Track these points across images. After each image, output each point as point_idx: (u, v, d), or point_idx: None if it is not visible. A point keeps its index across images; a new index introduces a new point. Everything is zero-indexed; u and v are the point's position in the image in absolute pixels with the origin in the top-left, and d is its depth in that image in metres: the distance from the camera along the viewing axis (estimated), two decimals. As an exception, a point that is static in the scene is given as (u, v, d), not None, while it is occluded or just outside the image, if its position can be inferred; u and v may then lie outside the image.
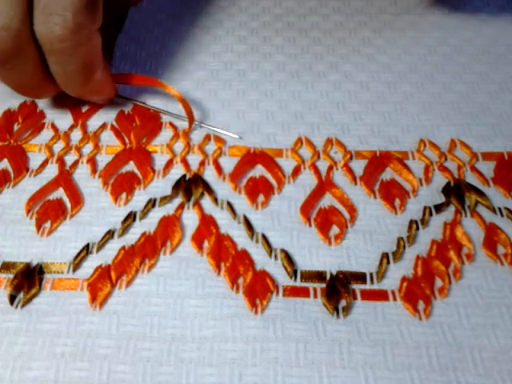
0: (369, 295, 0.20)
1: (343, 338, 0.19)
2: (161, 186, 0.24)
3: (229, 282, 0.20)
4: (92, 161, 0.25)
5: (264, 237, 0.21)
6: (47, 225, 0.22)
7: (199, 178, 0.24)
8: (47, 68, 0.23)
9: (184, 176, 0.24)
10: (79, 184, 0.24)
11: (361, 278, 0.20)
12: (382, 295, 0.20)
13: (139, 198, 0.23)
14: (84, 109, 0.27)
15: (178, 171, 0.24)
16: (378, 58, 0.30)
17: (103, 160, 0.25)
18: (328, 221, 0.22)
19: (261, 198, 0.23)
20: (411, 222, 0.22)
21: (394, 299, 0.20)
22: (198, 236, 0.22)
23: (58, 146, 0.25)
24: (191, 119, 0.26)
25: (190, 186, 0.23)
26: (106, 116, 0.27)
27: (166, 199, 0.23)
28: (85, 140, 0.26)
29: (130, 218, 0.22)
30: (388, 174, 0.24)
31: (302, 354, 0.18)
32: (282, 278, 0.20)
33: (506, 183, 0.23)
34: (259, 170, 0.24)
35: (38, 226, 0.22)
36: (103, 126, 0.26)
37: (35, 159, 0.25)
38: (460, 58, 0.30)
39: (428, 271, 0.20)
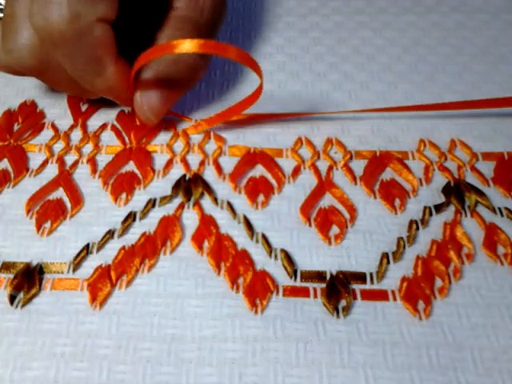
0: (369, 295, 0.20)
1: (343, 338, 0.19)
2: (161, 185, 0.24)
3: (229, 281, 0.20)
4: (92, 161, 0.25)
5: (264, 237, 0.21)
6: (47, 225, 0.22)
7: (199, 178, 0.24)
8: None
9: (184, 176, 0.24)
10: (79, 184, 0.24)
11: (361, 277, 0.20)
12: (382, 295, 0.20)
13: (139, 198, 0.23)
14: (84, 108, 0.27)
15: (178, 171, 0.24)
16: (378, 58, 0.30)
17: (103, 160, 0.25)
18: (328, 221, 0.22)
19: (261, 197, 0.23)
20: (411, 222, 0.22)
21: (394, 299, 0.20)
22: (198, 236, 0.22)
23: (58, 146, 0.25)
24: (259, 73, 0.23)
25: (190, 186, 0.23)
26: (106, 116, 0.27)
27: (165, 199, 0.23)
28: (85, 140, 0.26)
29: (130, 218, 0.22)
30: (388, 174, 0.24)
31: (302, 354, 0.18)
32: (282, 278, 0.20)
33: (506, 183, 0.23)
34: (259, 170, 0.24)
35: (38, 226, 0.22)
36: (103, 126, 0.26)
37: (35, 159, 0.25)
38: (460, 58, 0.30)
39: (428, 271, 0.20)
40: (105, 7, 0.21)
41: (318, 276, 0.20)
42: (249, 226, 0.22)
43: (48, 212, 0.22)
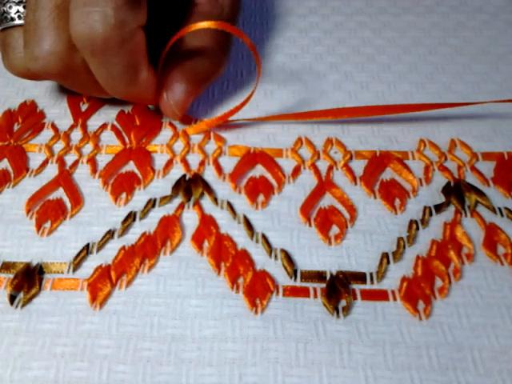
0: (369, 295, 0.20)
1: (343, 338, 0.19)
2: (161, 185, 0.24)
3: (229, 281, 0.20)
4: (92, 161, 0.25)
5: (264, 237, 0.21)
6: (47, 225, 0.22)
7: (199, 178, 0.24)
8: None
9: (184, 176, 0.24)
10: (79, 184, 0.24)
11: (361, 277, 0.20)
12: (382, 295, 0.20)
13: (139, 198, 0.23)
14: (84, 108, 0.27)
15: (178, 171, 0.24)
16: (377, 58, 0.30)
17: (103, 160, 0.25)
18: (328, 221, 0.22)
19: (261, 197, 0.23)
20: (411, 222, 0.22)
21: (394, 299, 0.20)
22: (198, 236, 0.22)
23: (58, 146, 0.25)
24: (259, 71, 0.24)
25: (190, 186, 0.23)
26: (106, 116, 0.27)
27: (165, 199, 0.23)
28: (85, 140, 0.26)
29: (130, 218, 0.22)
30: (388, 174, 0.24)
31: (302, 354, 0.18)
32: (282, 278, 0.20)
33: (506, 183, 0.23)
34: (259, 170, 0.24)
35: (38, 226, 0.22)
36: (103, 126, 0.26)
37: (35, 159, 0.25)
38: (460, 58, 0.30)
39: (428, 271, 0.20)
40: (144, 13, 0.22)
41: (318, 276, 0.20)
42: (249, 226, 0.22)
43: (48, 212, 0.22)
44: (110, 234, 0.22)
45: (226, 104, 0.27)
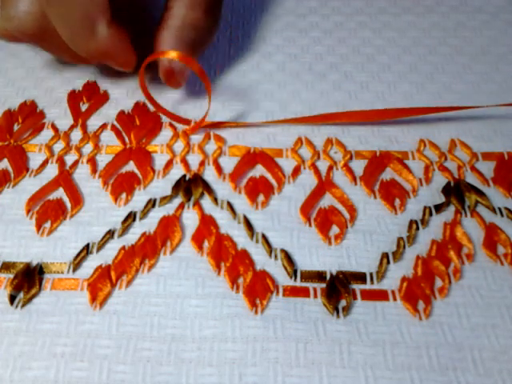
0: (369, 295, 0.20)
1: (343, 338, 0.19)
2: (161, 185, 0.24)
3: (229, 281, 0.20)
4: (92, 161, 0.25)
5: (264, 237, 0.21)
6: (47, 225, 0.22)
7: (199, 178, 0.24)
8: None
9: (184, 176, 0.24)
10: (79, 184, 0.24)
11: (361, 277, 0.20)
12: (382, 295, 0.20)
13: (139, 198, 0.23)
14: (84, 108, 0.27)
15: (178, 171, 0.24)
16: (377, 58, 0.30)
17: (103, 160, 0.25)
18: (328, 221, 0.22)
19: (261, 197, 0.23)
20: (411, 222, 0.22)
21: (394, 299, 0.20)
22: (198, 236, 0.22)
23: (58, 146, 0.25)
24: (209, 96, 0.25)
25: (190, 186, 0.23)
26: (107, 116, 0.27)
27: (165, 199, 0.23)
28: (85, 140, 0.26)
29: (130, 218, 0.22)
30: (388, 174, 0.24)
31: (302, 354, 0.18)
32: (282, 278, 0.20)
33: (506, 183, 0.23)
34: (259, 170, 0.24)
35: (38, 226, 0.22)
36: (103, 126, 0.26)
37: (35, 159, 0.25)
38: (460, 58, 0.30)
39: (428, 271, 0.20)
40: None
41: (318, 276, 0.20)
42: (249, 226, 0.22)
43: (48, 212, 0.22)
44: (110, 234, 0.22)
45: (227, 104, 0.27)
